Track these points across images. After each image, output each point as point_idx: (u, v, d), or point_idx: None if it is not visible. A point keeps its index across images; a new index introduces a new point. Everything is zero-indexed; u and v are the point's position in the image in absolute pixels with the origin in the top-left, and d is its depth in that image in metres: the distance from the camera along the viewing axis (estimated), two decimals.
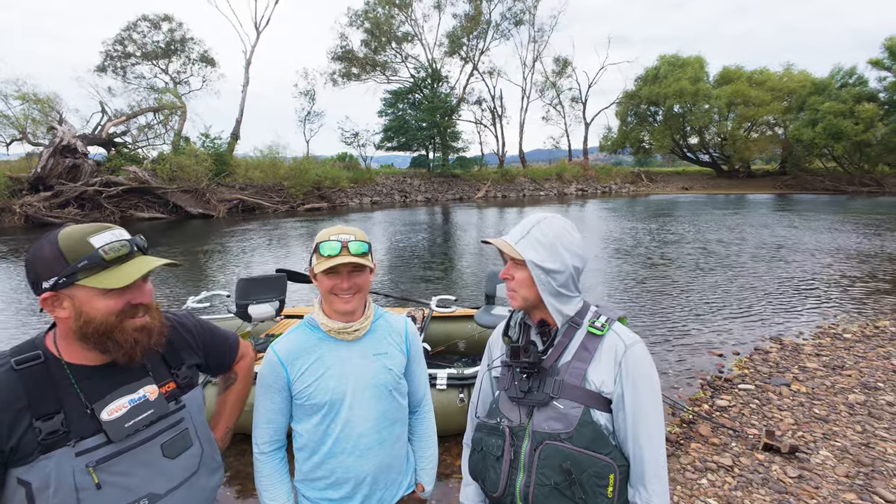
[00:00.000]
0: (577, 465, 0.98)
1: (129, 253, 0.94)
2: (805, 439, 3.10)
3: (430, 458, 1.45)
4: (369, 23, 32.01)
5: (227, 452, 3.18)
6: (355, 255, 1.22)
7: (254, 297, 3.87)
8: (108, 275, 0.90)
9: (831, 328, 5.41)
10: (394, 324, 1.38)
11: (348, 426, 1.24)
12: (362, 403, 1.26)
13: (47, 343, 0.95)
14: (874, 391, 3.73)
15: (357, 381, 1.26)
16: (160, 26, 28.26)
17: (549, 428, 1.02)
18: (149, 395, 0.99)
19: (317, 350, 1.26)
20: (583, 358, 1.04)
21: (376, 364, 1.29)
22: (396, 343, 1.35)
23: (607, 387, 1.02)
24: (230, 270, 9.47)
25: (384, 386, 1.29)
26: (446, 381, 3.19)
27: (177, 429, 1.03)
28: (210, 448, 1.13)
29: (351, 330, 1.26)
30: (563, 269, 1.06)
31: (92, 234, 0.92)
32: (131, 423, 0.95)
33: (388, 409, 1.30)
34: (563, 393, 1.02)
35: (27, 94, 20.66)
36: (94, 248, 0.90)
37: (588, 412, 1.01)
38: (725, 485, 2.66)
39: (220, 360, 1.27)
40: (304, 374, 1.24)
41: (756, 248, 10.90)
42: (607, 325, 1.06)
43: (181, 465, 1.03)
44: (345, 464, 1.25)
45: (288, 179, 24.05)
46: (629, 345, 1.03)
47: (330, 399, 1.23)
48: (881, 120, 29.77)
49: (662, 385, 4.05)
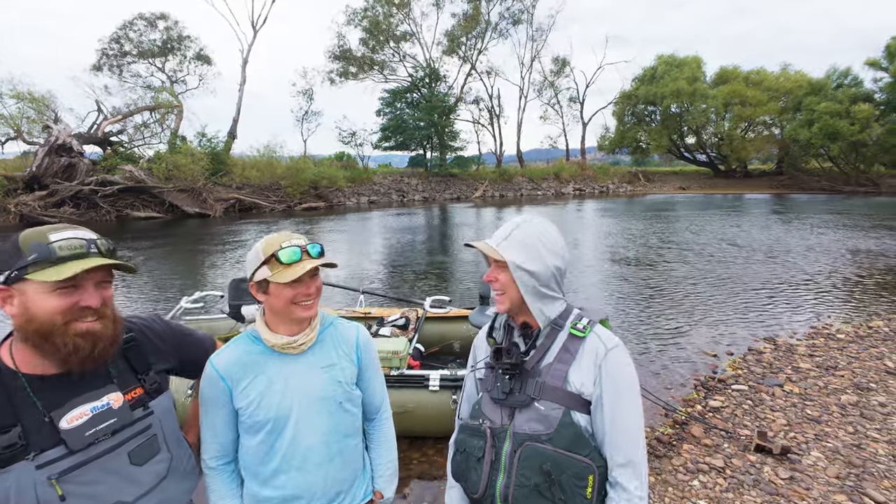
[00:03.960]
0: (556, 466, 0.99)
1: (85, 252, 0.91)
2: (797, 440, 3.11)
3: (387, 465, 1.40)
4: (367, 21, 31.95)
5: None
6: (316, 258, 1.19)
7: (247, 297, 3.84)
8: (55, 270, 0.88)
9: (825, 328, 5.42)
10: (344, 333, 1.32)
11: (295, 442, 1.19)
12: (310, 419, 1.20)
13: (2, 353, 0.93)
14: (867, 392, 3.74)
15: (303, 396, 1.20)
16: (156, 24, 28.15)
17: (529, 429, 1.03)
18: (112, 403, 0.97)
19: (259, 365, 1.20)
20: (564, 360, 1.05)
21: (324, 377, 1.23)
22: (346, 353, 1.29)
23: (587, 388, 1.03)
24: (226, 270, 9.43)
25: (333, 399, 1.23)
26: (439, 382, 3.18)
27: (144, 435, 1.02)
28: (180, 453, 1.11)
29: (296, 344, 1.20)
30: (544, 270, 1.08)
31: (55, 231, 0.92)
32: (92, 432, 0.93)
33: (340, 423, 1.25)
34: (544, 394, 1.03)
35: (22, 93, 20.54)
36: (48, 242, 0.89)
37: (568, 413, 1.02)
38: (717, 486, 2.66)
39: (195, 364, 1.24)
40: (245, 390, 1.17)
41: (751, 248, 10.93)
42: (589, 327, 1.07)
43: (150, 472, 1.02)
44: (294, 480, 1.20)
45: (285, 179, 23.99)
46: (609, 348, 1.05)
47: (275, 416, 1.17)
48: (877, 120, 29.89)
49: (655, 386, 4.06)
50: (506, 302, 1.11)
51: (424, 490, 2.82)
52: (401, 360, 3.53)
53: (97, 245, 0.94)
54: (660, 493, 2.63)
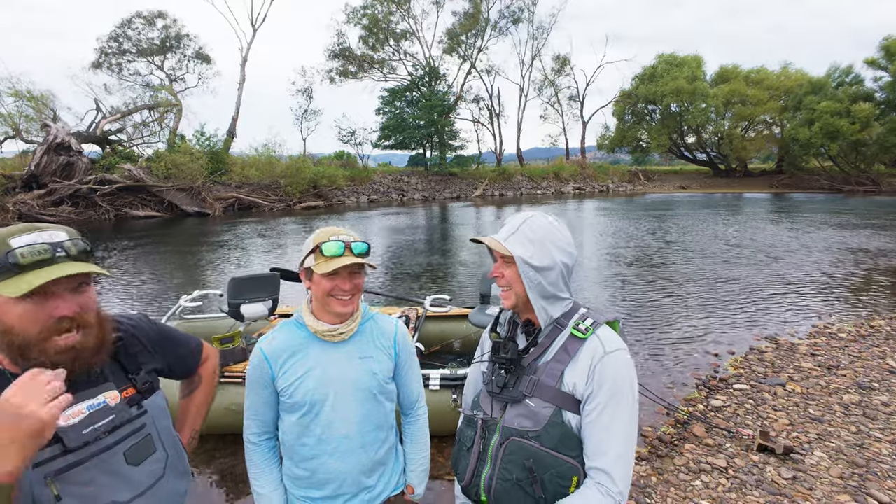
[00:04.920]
0: (540, 463, 0.98)
1: (50, 258, 0.84)
2: (800, 440, 3.09)
3: (420, 461, 1.43)
4: (367, 19, 31.88)
5: (218, 454, 3.15)
6: (358, 256, 1.23)
7: (246, 296, 3.83)
8: (16, 281, 0.81)
9: (826, 328, 5.40)
10: (383, 326, 1.36)
11: (330, 428, 1.24)
12: (345, 406, 1.25)
13: None
14: (869, 391, 3.73)
15: (340, 383, 1.25)
16: (155, 23, 28.07)
17: (518, 425, 1.03)
18: (109, 401, 0.94)
19: (302, 350, 1.26)
20: (562, 360, 1.04)
21: (361, 367, 1.28)
22: (384, 347, 1.33)
23: (580, 389, 1.01)
24: (225, 269, 9.41)
25: (368, 390, 1.27)
26: (439, 381, 3.16)
27: (139, 434, 0.99)
28: (176, 453, 1.09)
29: (337, 332, 1.25)
30: (552, 266, 1.06)
31: (17, 234, 0.84)
32: (89, 430, 0.90)
33: (372, 413, 1.29)
34: (536, 392, 1.03)
35: (20, 92, 20.48)
36: (10, 250, 0.81)
37: (559, 413, 1.00)
38: (719, 486, 2.64)
39: (183, 364, 1.23)
40: (287, 373, 1.24)
41: (751, 248, 10.91)
42: (591, 328, 1.04)
43: (146, 472, 1.00)
44: (326, 465, 1.25)
45: (284, 178, 23.94)
46: (608, 351, 1.01)
47: (311, 399, 1.23)
48: (877, 119, 29.88)
49: (656, 385, 4.04)
50: (511, 298, 1.09)
51: (428, 490, 2.80)
52: None
53: (64, 248, 0.87)
54: (662, 494, 2.61)
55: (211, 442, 3.23)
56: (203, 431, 3.26)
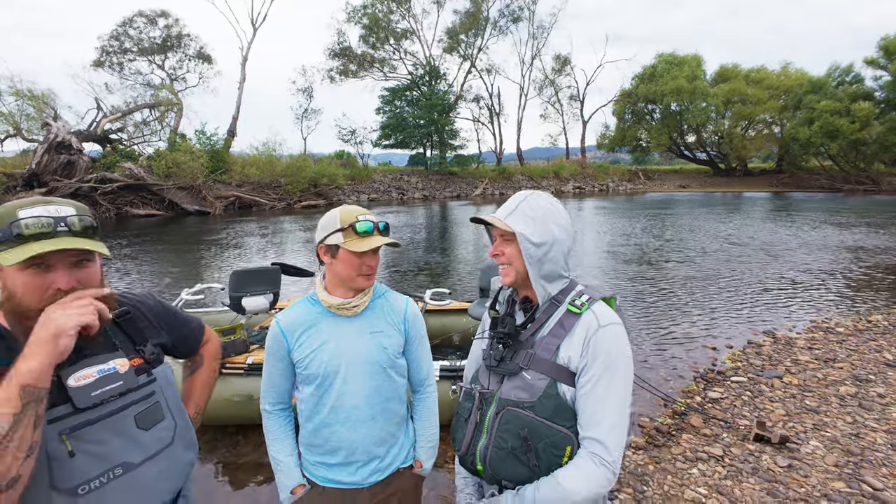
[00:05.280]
0: (534, 433, 1.01)
1: (51, 231, 0.86)
2: (796, 430, 3.12)
3: (429, 438, 1.48)
4: (368, 18, 31.91)
5: (219, 445, 3.18)
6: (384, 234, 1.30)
7: (248, 289, 3.86)
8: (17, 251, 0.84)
9: (824, 322, 5.43)
10: (394, 303, 1.41)
11: (342, 398, 1.29)
12: (356, 378, 1.30)
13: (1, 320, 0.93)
14: (865, 383, 3.75)
15: (351, 356, 1.30)
16: (156, 22, 28.11)
17: (514, 396, 1.05)
18: (118, 368, 0.98)
19: (316, 324, 1.31)
20: (557, 334, 1.06)
21: (372, 341, 1.32)
22: (394, 322, 1.38)
23: (575, 361, 1.03)
24: (226, 265, 9.44)
25: (378, 363, 1.32)
26: (439, 372, 3.19)
27: (148, 401, 1.03)
28: (184, 423, 1.13)
29: (350, 306, 1.30)
30: (552, 243, 1.08)
31: (27, 206, 0.87)
32: (98, 392, 0.93)
33: (382, 386, 1.33)
34: (532, 365, 1.05)
35: (21, 91, 20.51)
36: (16, 220, 0.84)
37: (554, 385, 1.03)
38: (716, 474, 2.67)
39: (186, 343, 1.26)
40: (302, 346, 1.29)
41: (750, 245, 10.94)
42: (587, 304, 1.06)
43: (155, 437, 1.03)
44: (338, 433, 1.31)
45: (285, 177, 23.98)
46: (603, 325, 1.03)
47: (324, 371, 1.28)
48: (877, 118, 29.93)
49: (655, 378, 4.07)
50: (511, 274, 1.12)
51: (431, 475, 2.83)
52: None
53: (67, 223, 0.89)
54: (659, 481, 2.64)
55: (211, 432, 3.26)
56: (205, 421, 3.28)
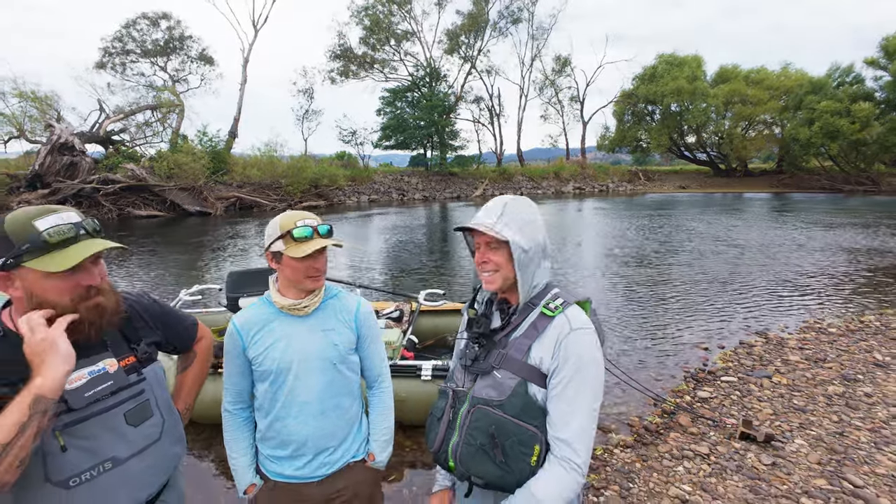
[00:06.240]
0: (502, 430, 1.04)
1: (74, 236, 0.96)
2: (782, 429, 3.17)
3: (383, 431, 1.52)
4: (369, 19, 31.99)
5: (214, 443, 3.24)
6: (326, 237, 1.33)
7: (244, 289, 3.91)
8: (51, 258, 0.92)
9: (817, 323, 5.47)
10: (346, 303, 1.46)
11: (293, 393, 1.35)
12: (308, 374, 1.35)
13: (3, 318, 0.99)
14: (853, 383, 3.80)
15: (303, 353, 1.35)
16: (159, 24, 28.24)
17: (485, 395, 1.08)
18: (108, 368, 1.04)
19: (269, 323, 1.36)
20: (530, 335, 1.09)
21: (323, 339, 1.37)
22: (345, 320, 1.43)
23: (546, 363, 1.05)
24: (225, 266, 9.51)
25: (329, 359, 1.37)
26: (431, 372, 3.24)
27: (138, 399, 1.09)
28: (172, 420, 1.18)
29: (301, 306, 1.35)
30: (535, 248, 1.11)
31: (37, 217, 0.94)
32: (91, 393, 1.00)
33: (334, 381, 1.38)
34: (504, 364, 1.08)
35: (24, 93, 20.64)
36: (38, 232, 0.92)
37: (524, 384, 1.05)
38: (701, 472, 2.73)
39: (180, 339, 1.33)
40: (256, 344, 1.35)
41: (748, 246, 10.96)
42: (561, 307, 1.09)
43: (143, 434, 1.09)
44: (288, 427, 1.36)
45: (286, 177, 24.05)
46: (574, 328, 1.05)
47: (277, 367, 1.33)
48: (877, 119, 29.85)
49: (645, 377, 4.12)
50: (497, 281, 1.13)
51: (416, 476, 2.88)
52: (394, 351, 3.60)
53: (84, 227, 0.99)
54: (644, 479, 2.69)
55: (207, 431, 3.32)
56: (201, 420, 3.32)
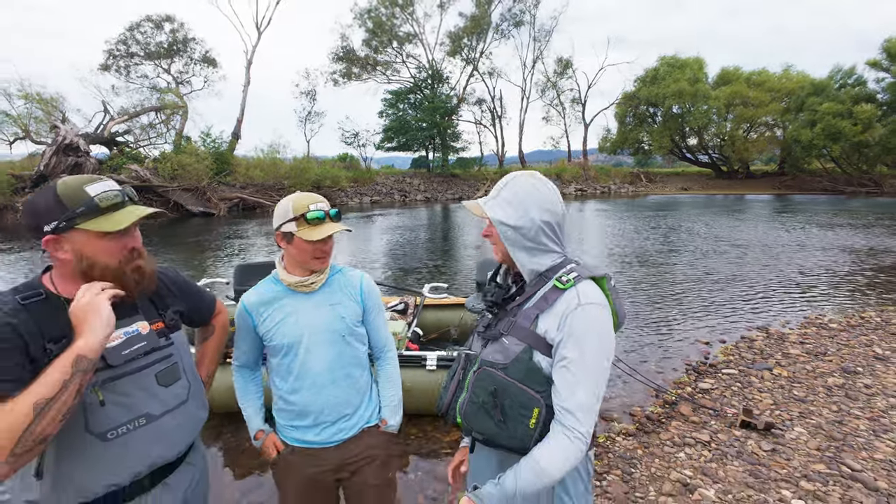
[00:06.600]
0: (503, 391, 1.09)
1: (121, 202, 1.05)
2: (782, 417, 3.21)
3: (392, 398, 1.61)
4: (371, 21, 32.17)
5: (224, 431, 3.30)
6: (336, 221, 1.39)
7: (251, 282, 3.95)
8: (105, 220, 1.01)
9: (818, 319, 5.51)
10: (350, 278, 1.53)
11: (305, 366, 1.42)
12: (318, 346, 1.42)
13: (44, 282, 1.06)
14: (853, 375, 3.84)
15: (313, 327, 1.42)
16: (163, 27, 28.46)
17: (492, 358, 1.14)
18: (140, 330, 1.11)
19: (278, 300, 1.43)
20: (539, 306, 1.12)
21: (331, 312, 1.44)
22: (351, 294, 1.50)
23: (551, 333, 1.08)
24: (229, 263, 9.59)
25: (337, 332, 1.44)
26: (436, 362, 3.30)
27: (167, 362, 1.16)
28: (197, 385, 1.26)
29: (308, 283, 1.42)
30: (529, 225, 1.13)
31: (87, 183, 1.03)
32: (128, 351, 1.07)
33: (342, 353, 1.45)
34: (512, 331, 1.13)
35: (30, 94, 20.83)
36: (91, 196, 1.01)
37: (529, 351, 1.09)
38: (701, 457, 2.77)
39: (200, 313, 1.40)
40: (266, 321, 1.42)
41: (749, 246, 10.99)
42: (573, 281, 1.10)
43: (173, 394, 1.16)
44: (304, 398, 1.43)
45: (288, 179, 24.17)
46: (582, 303, 1.06)
47: (288, 342, 1.40)
48: (879, 121, 29.82)
49: (648, 370, 4.16)
50: (498, 253, 1.21)
51: (421, 464, 2.93)
52: (399, 342, 3.65)
53: (128, 194, 1.08)
54: (646, 464, 2.74)
55: (216, 419, 3.38)
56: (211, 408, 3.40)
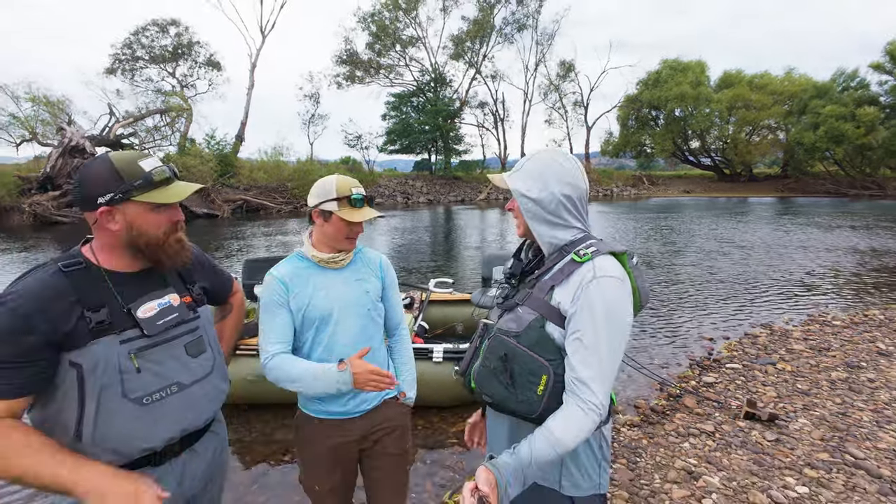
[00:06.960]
0: (513, 356, 1.11)
1: (170, 177, 1.13)
2: (786, 409, 3.24)
3: (408, 371, 1.70)
4: (375, 25, 32.39)
5: (234, 422, 3.35)
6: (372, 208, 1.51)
7: (260, 277, 4.00)
8: (158, 193, 1.08)
9: (821, 316, 5.53)
10: (370, 256, 1.63)
11: (334, 338, 1.47)
12: (346, 320, 1.48)
13: (84, 252, 1.11)
14: (857, 369, 3.86)
15: (343, 301, 1.48)
16: (168, 30, 28.73)
17: (506, 326, 1.17)
18: (172, 302, 1.17)
19: (308, 275, 1.48)
20: (556, 279, 1.14)
21: (358, 287, 1.52)
22: (373, 270, 1.59)
23: (565, 305, 1.09)
24: (234, 265, 9.66)
25: (364, 306, 1.52)
26: (442, 354, 3.35)
27: (195, 334, 1.21)
28: (220, 358, 1.31)
29: (338, 259, 1.50)
30: (549, 198, 1.15)
31: (139, 159, 1.10)
32: (162, 322, 1.12)
33: (366, 327, 1.53)
34: (527, 302, 1.16)
35: (37, 97, 21.05)
36: (146, 171, 1.08)
37: (541, 320, 1.11)
38: (706, 447, 2.80)
39: (221, 290, 1.46)
40: (298, 295, 1.45)
41: (753, 247, 11.01)
42: (590, 255, 1.11)
43: (200, 365, 1.21)
44: None
45: (292, 181, 24.32)
46: (598, 276, 1.06)
47: (321, 315, 1.45)
48: (882, 123, 29.84)
49: (653, 365, 4.19)
50: (520, 227, 1.25)
51: (428, 455, 2.97)
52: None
53: (174, 171, 1.16)
54: (651, 454, 2.77)
55: (226, 410, 3.41)
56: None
